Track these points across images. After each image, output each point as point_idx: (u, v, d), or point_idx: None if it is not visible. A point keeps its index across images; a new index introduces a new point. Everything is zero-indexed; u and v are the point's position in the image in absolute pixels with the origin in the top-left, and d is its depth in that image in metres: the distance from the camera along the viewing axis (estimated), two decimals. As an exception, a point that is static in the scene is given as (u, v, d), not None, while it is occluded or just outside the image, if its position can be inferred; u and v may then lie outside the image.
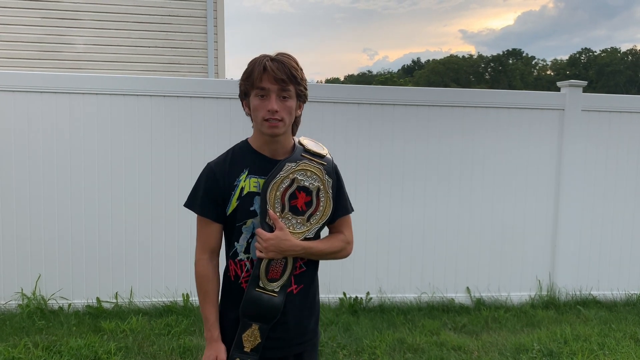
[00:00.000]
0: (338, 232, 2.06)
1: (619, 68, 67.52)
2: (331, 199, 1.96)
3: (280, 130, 1.87)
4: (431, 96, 5.08)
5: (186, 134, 4.73)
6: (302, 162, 1.92)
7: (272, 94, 1.83)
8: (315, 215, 1.94)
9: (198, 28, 8.70)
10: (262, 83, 1.82)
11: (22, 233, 4.59)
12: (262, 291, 1.89)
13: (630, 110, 5.24)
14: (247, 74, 1.86)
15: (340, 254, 2.05)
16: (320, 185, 1.94)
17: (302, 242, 1.91)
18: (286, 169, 1.89)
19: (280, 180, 1.88)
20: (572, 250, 5.22)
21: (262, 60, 1.83)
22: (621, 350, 4.07)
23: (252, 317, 1.90)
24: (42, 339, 3.98)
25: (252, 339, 1.91)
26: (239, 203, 1.90)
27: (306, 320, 2.00)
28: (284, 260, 1.91)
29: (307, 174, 1.92)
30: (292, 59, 1.87)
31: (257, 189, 1.90)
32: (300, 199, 1.91)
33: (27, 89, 4.54)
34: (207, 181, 1.94)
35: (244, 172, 1.91)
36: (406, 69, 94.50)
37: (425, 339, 4.20)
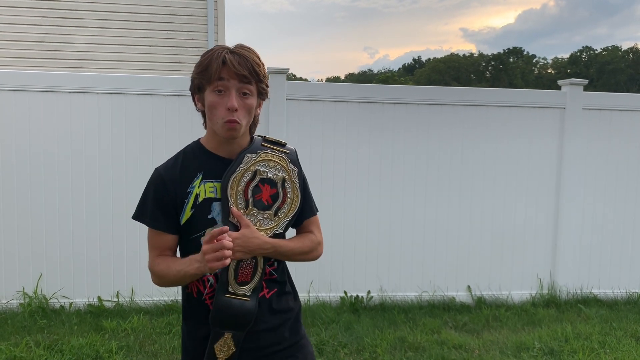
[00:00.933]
0: (307, 232, 1.90)
1: (620, 66, 67.46)
2: (299, 189, 1.79)
3: (237, 133, 1.70)
4: (432, 95, 5.08)
5: (187, 133, 4.72)
6: (264, 152, 1.76)
7: (231, 89, 1.65)
8: (283, 208, 1.77)
9: (199, 27, 8.71)
10: (221, 74, 1.64)
11: (23, 232, 4.60)
12: (233, 296, 1.71)
13: (631, 109, 5.24)
14: (203, 66, 1.66)
15: (311, 254, 1.88)
16: (285, 175, 1.78)
17: (271, 239, 1.74)
18: (246, 161, 1.72)
19: (241, 173, 1.71)
20: (573, 249, 5.23)
21: (221, 52, 1.65)
22: (622, 349, 4.07)
23: (223, 326, 1.72)
24: (44, 338, 3.99)
25: (226, 348, 1.73)
26: (193, 212, 1.71)
27: (283, 326, 1.82)
28: (253, 260, 1.74)
29: (269, 164, 1.76)
30: (254, 53, 1.70)
31: (213, 194, 1.72)
32: (265, 192, 1.75)
33: (29, 88, 4.54)
34: (155, 189, 1.76)
35: (197, 177, 1.73)
36: (407, 67, 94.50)
37: (426, 338, 4.20)
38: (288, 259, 1.84)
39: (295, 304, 1.91)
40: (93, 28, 8.41)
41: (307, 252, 1.87)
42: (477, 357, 3.91)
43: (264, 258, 1.76)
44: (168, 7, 8.62)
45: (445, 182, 5.05)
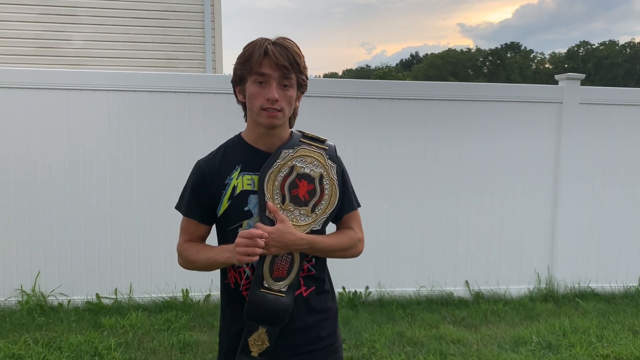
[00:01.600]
0: (347, 228, 1.88)
1: (617, 61, 67.46)
2: (337, 186, 1.77)
3: (279, 122, 1.70)
4: (429, 90, 5.07)
5: (184, 130, 4.73)
6: (301, 148, 1.75)
7: (272, 81, 1.65)
8: (321, 205, 1.75)
9: (195, 23, 8.69)
10: (262, 68, 1.65)
11: (21, 230, 4.59)
12: (268, 291, 1.71)
13: (628, 103, 5.24)
14: (245, 57, 1.67)
15: (350, 251, 1.86)
16: (323, 171, 1.76)
17: (307, 235, 1.72)
18: (283, 156, 1.72)
19: (278, 168, 1.71)
20: (571, 244, 5.23)
21: (263, 43, 1.66)
22: (619, 342, 4.08)
23: (257, 320, 1.71)
24: (42, 336, 3.99)
25: (260, 342, 1.73)
26: (230, 203, 1.73)
27: (320, 326, 1.80)
28: (289, 256, 1.72)
29: (307, 160, 1.75)
30: (295, 45, 1.70)
31: (251, 187, 1.72)
32: (302, 188, 1.73)
33: (25, 85, 4.53)
34: (194, 181, 1.79)
35: (236, 169, 1.74)
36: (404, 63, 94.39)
37: (425, 333, 4.21)
38: (326, 256, 1.83)
39: (333, 304, 1.89)
40: (90, 25, 8.39)
41: (346, 249, 1.84)
42: (475, 352, 3.92)
43: (301, 254, 1.74)
44: (165, 3, 8.59)
45: (443, 178, 5.05)
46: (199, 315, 4.46)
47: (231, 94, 5.06)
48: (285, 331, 1.75)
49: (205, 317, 4.44)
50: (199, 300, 4.78)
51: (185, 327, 4.24)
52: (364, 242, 1.91)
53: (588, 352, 3.91)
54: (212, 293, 4.81)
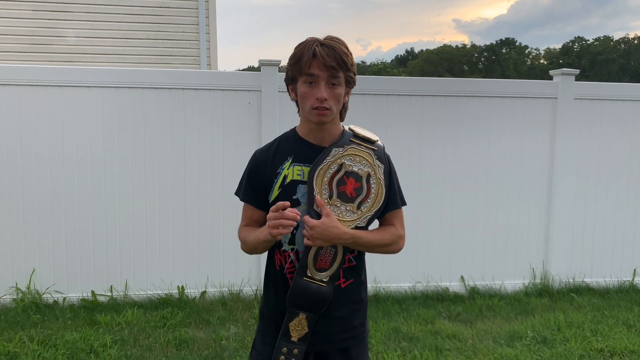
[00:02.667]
0: (389, 224, 1.99)
1: (612, 56, 67.59)
2: (383, 186, 1.87)
3: (327, 119, 1.80)
4: (424, 86, 5.07)
5: (179, 126, 4.71)
6: (350, 147, 1.85)
7: (321, 81, 1.76)
8: (367, 203, 1.85)
9: (190, 20, 8.65)
10: (312, 69, 1.74)
11: (15, 227, 4.57)
12: (310, 280, 1.82)
13: (622, 98, 5.26)
14: (296, 59, 1.77)
15: (391, 247, 1.96)
16: (371, 170, 1.86)
17: (350, 230, 1.82)
18: (333, 154, 1.82)
19: (327, 165, 1.81)
20: (565, 239, 5.25)
21: (312, 45, 1.75)
22: (614, 337, 4.10)
23: (299, 307, 1.83)
24: (38, 333, 3.98)
25: (300, 328, 1.84)
26: (280, 191, 1.84)
27: (353, 316, 1.92)
28: (333, 249, 1.83)
29: (355, 159, 1.84)
30: (342, 44, 1.79)
31: (300, 177, 1.84)
32: (349, 185, 1.83)
33: (19, 82, 4.51)
34: (250, 168, 1.93)
35: (287, 160, 1.86)
36: (400, 59, 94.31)
37: (420, 328, 4.22)
38: (367, 250, 1.92)
39: (365, 297, 1.99)
40: (83, 21, 8.34)
41: (387, 245, 1.95)
42: (471, 347, 3.93)
43: (344, 248, 1.84)
44: (159, -1, 8.55)
45: (438, 173, 5.05)
46: (195, 312, 4.46)
47: (226, 90, 5.06)
48: (322, 319, 1.86)
49: (201, 313, 4.44)
50: (195, 297, 4.77)
51: (181, 323, 4.24)
52: (404, 239, 2.03)
53: (582, 346, 3.93)
54: (207, 290, 4.81)
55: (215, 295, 4.80)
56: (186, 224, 4.76)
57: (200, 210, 4.76)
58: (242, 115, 4.76)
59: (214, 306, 4.60)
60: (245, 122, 4.76)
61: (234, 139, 4.74)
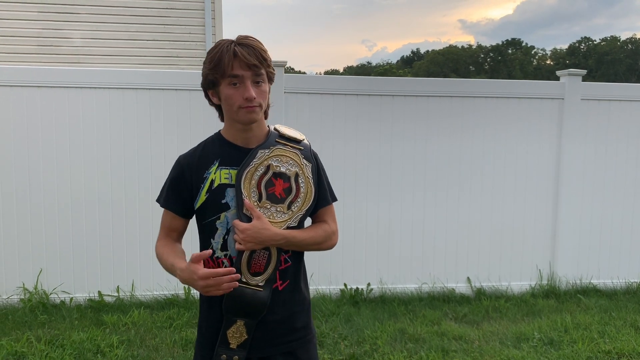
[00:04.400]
0: (321, 221, 1.93)
1: (619, 57, 67.32)
2: (312, 185, 1.84)
3: (257, 116, 1.77)
4: (430, 87, 5.07)
5: (185, 127, 4.72)
6: (276, 148, 1.82)
7: (246, 80, 1.72)
8: (297, 202, 1.82)
9: (196, 20, 8.68)
10: (235, 70, 1.71)
11: (23, 228, 4.60)
12: (245, 286, 1.77)
13: (629, 99, 5.24)
14: (215, 62, 1.73)
15: (325, 244, 1.91)
16: (299, 170, 1.82)
17: (282, 230, 1.78)
18: (259, 156, 1.79)
19: (255, 167, 1.78)
20: (572, 240, 5.23)
21: (229, 46, 1.72)
22: (621, 338, 4.08)
23: (236, 313, 1.78)
24: (45, 333, 3.99)
25: (238, 335, 1.80)
26: (208, 196, 1.80)
27: (294, 317, 1.87)
28: (267, 252, 1.78)
29: (282, 159, 1.81)
30: (258, 41, 1.77)
31: (228, 180, 1.79)
32: (278, 186, 1.80)
33: (25, 83, 4.53)
34: (173, 174, 1.87)
35: (214, 164, 1.81)
36: (405, 59, 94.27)
37: (426, 329, 4.21)
38: (302, 249, 1.88)
39: (307, 297, 1.94)
40: (90, 23, 8.38)
41: (321, 242, 1.90)
42: (477, 348, 3.92)
43: (278, 250, 1.81)
44: (165, 1, 8.58)
45: (444, 174, 5.04)
46: (201, 313, 4.46)
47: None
48: (262, 323, 1.82)
49: (207, 314, 4.44)
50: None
51: (187, 324, 4.25)
52: (337, 234, 1.96)
53: (590, 348, 3.91)
54: (213, 290, 4.81)
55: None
56: (192, 224, 4.75)
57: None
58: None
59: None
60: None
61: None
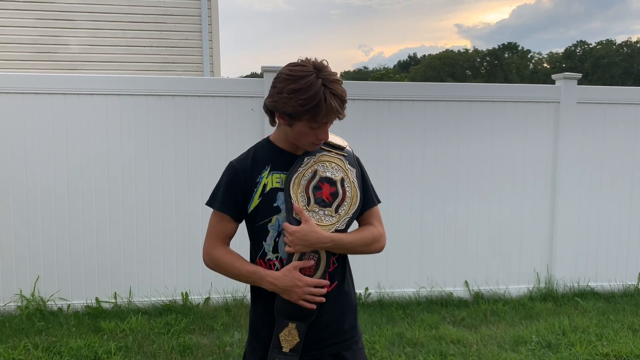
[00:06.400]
0: (367, 224, 1.99)
1: (615, 60, 67.49)
2: (358, 188, 1.92)
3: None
4: (427, 91, 5.08)
5: (182, 133, 4.73)
6: (322, 154, 1.90)
7: (327, 125, 1.82)
8: (344, 206, 1.88)
9: (193, 27, 8.69)
10: (325, 119, 1.78)
11: (20, 235, 4.59)
12: None
13: (625, 102, 5.26)
14: (310, 105, 1.73)
15: (373, 246, 1.95)
16: (344, 175, 1.91)
17: (330, 234, 1.84)
18: (306, 162, 1.87)
19: (302, 173, 1.86)
20: (570, 243, 5.24)
21: (327, 97, 1.74)
22: (619, 341, 4.09)
23: (287, 316, 1.84)
24: (42, 340, 3.98)
25: (290, 338, 1.85)
26: (261, 200, 1.86)
27: (342, 319, 1.92)
28: (316, 255, 1.84)
29: (327, 165, 1.89)
30: (344, 90, 1.82)
31: (279, 184, 1.86)
32: (325, 190, 1.87)
33: (23, 90, 4.53)
34: (228, 178, 1.90)
35: (266, 169, 1.88)
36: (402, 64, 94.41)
37: (425, 333, 4.21)
38: (350, 252, 1.93)
39: (354, 299, 2.00)
40: (87, 29, 8.39)
41: (369, 244, 1.94)
42: (476, 352, 3.92)
43: (327, 254, 1.86)
44: (161, 7, 8.59)
45: (441, 178, 5.05)
46: (199, 319, 4.46)
47: (229, 97, 5.04)
48: (312, 325, 1.87)
49: (205, 320, 4.44)
50: (199, 304, 4.78)
51: (185, 330, 4.24)
52: (385, 236, 2.00)
53: (588, 351, 3.91)
54: (211, 296, 4.81)
55: (219, 301, 4.80)
56: (190, 231, 4.76)
57: (204, 217, 4.76)
58: (245, 121, 4.78)
59: (217, 312, 4.60)
60: (249, 129, 4.77)
61: (237, 145, 4.74)
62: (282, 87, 1.77)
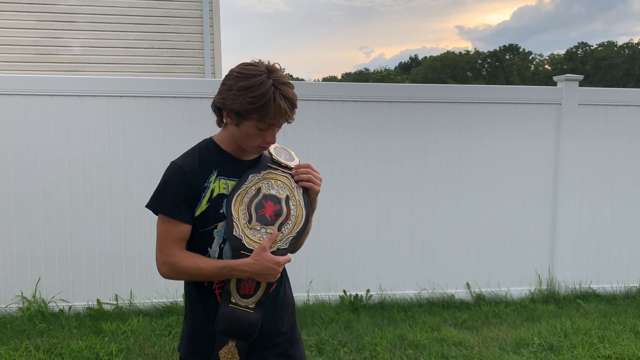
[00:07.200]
0: None
1: (616, 62, 67.45)
2: (304, 207, 1.83)
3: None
4: (428, 93, 5.08)
5: (184, 135, 4.73)
6: (267, 172, 1.84)
7: (275, 128, 1.78)
8: (287, 224, 1.80)
9: (194, 29, 8.70)
10: (273, 121, 1.74)
11: (21, 236, 4.59)
12: (236, 307, 1.77)
13: (626, 104, 5.25)
14: (257, 106, 1.70)
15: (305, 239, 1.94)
16: (289, 193, 1.83)
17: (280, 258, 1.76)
18: (250, 180, 1.81)
19: (245, 191, 1.79)
20: (571, 245, 5.23)
21: (276, 97, 1.70)
22: (621, 343, 4.08)
23: (227, 334, 1.77)
24: (43, 342, 3.98)
25: (230, 356, 1.78)
26: (209, 205, 1.79)
27: (280, 321, 1.90)
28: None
29: (273, 183, 1.83)
30: (295, 94, 1.77)
31: (226, 190, 1.80)
32: (269, 208, 1.80)
33: (24, 92, 4.54)
34: (178, 180, 1.80)
35: (213, 173, 1.81)
36: (403, 66, 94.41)
37: (426, 335, 4.20)
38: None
39: (292, 298, 1.99)
40: (88, 31, 8.40)
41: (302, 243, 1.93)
42: (477, 354, 3.92)
43: None
44: (163, 9, 8.61)
45: (443, 180, 5.05)
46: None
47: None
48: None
49: (206, 322, 4.43)
50: (200, 305, 4.77)
51: (186, 332, 4.23)
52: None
53: (590, 353, 3.90)
54: (213, 298, 4.80)
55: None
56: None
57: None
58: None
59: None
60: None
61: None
62: (232, 84, 1.73)
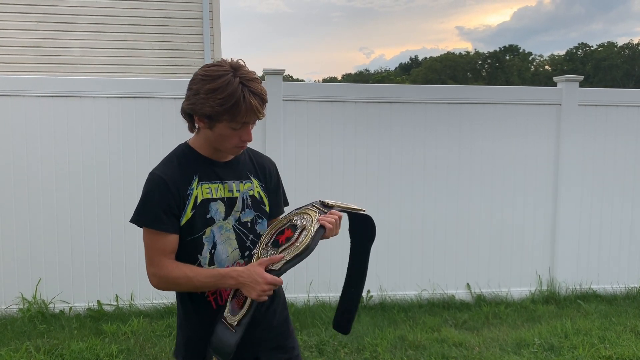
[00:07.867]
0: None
1: (616, 62, 67.46)
2: (311, 240, 1.77)
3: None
4: (428, 94, 5.08)
5: (184, 136, 4.72)
6: (307, 208, 1.86)
7: (249, 125, 1.77)
8: (289, 249, 1.76)
9: (194, 29, 8.72)
10: (246, 119, 1.72)
11: (21, 237, 4.59)
12: (224, 321, 1.77)
13: (627, 104, 5.25)
14: (227, 106, 1.68)
15: None
16: (308, 225, 1.80)
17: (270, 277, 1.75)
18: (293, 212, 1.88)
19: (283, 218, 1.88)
20: (572, 245, 5.23)
21: (245, 95, 1.69)
22: (622, 344, 4.08)
23: (210, 346, 1.79)
24: (44, 343, 3.98)
25: None
26: (194, 212, 1.79)
27: (272, 315, 1.95)
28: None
29: (303, 215, 1.84)
30: (263, 88, 1.77)
31: (210, 195, 1.81)
32: (285, 234, 1.81)
33: (25, 93, 4.54)
34: (160, 191, 1.80)
35: (194, 179, 1.81)
36: (403, 66, 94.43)
37: (426, 336, 4.20)
38: None
39: (282, 292, 2.04)
40: (88, 32, 8.42)
41: None
42: (478, 355, 3.92)
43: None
44: (163, 10, 8.62)
45: (443, 181, 5.05)
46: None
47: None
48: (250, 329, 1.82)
49: (207, 322, 4.43)
50: (201, 306, 4.77)
51: (186, 333, 4.23)
52: None
53: (590, 353, 3.90)
54: (213, 298, 4.80)
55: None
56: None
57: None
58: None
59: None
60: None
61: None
62: (199, 88, 1.71)
